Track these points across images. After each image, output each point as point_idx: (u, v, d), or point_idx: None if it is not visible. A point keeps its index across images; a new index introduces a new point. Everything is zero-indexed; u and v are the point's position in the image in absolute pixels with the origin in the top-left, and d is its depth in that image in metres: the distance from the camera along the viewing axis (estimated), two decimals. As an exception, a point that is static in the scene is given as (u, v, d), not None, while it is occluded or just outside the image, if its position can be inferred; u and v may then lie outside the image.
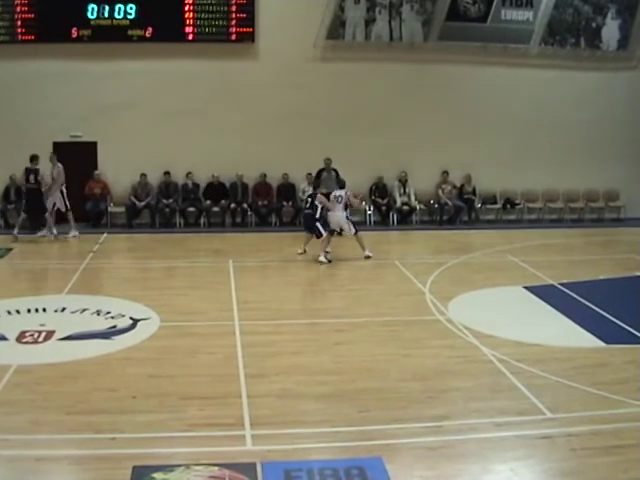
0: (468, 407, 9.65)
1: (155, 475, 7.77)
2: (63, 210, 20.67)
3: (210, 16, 22.01)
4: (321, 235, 17.76)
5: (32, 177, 19.80)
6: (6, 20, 21.19)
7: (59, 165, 20.41)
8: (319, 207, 18.18)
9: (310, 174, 22.55)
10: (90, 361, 11.36)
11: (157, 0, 21.71)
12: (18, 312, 13.65)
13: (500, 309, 14.40)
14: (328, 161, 22.40)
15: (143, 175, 22.23)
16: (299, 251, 18.42)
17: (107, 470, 7.94)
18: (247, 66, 22.40)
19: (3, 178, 21.80)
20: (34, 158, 19.81)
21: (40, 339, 12.21)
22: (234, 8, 22.09)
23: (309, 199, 18.69)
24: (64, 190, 20.55)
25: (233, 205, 22.68)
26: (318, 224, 17.88)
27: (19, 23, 21.23)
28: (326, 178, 22.29)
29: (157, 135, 22.02)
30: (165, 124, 21.99)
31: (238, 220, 22.95)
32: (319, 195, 18.68)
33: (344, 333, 12.72)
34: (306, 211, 18.59)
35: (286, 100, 22.19)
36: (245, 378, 10.56)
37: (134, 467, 7.89)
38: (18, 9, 21.14)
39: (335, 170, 22.27)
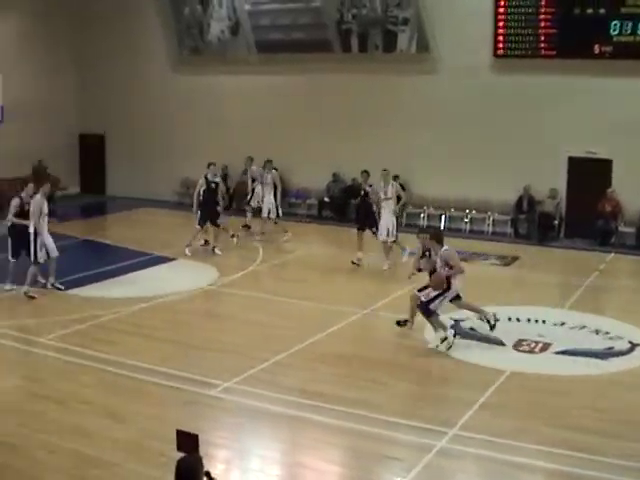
0: None
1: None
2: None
3: None
4: None
5: None
6: (530, 35, 21.70)
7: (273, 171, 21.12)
8: None
9: None
10: (581, 378, 11.30)
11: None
12: (518, 320, 13.98)
13: None
14: None
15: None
16: None
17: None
18: None
19: (517, 188, 22.28)
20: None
21: (536, 349, 12.42)
22: None
23: None
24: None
25: None
26: None
27: (542, 39, 21.61)
28: None
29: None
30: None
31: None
32: None
33: None
34: None
35: None
36: None
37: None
38: (542, 24, 21.54)
39: None
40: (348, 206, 22.90)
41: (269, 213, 20.78)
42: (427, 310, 12.51)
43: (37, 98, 26.30)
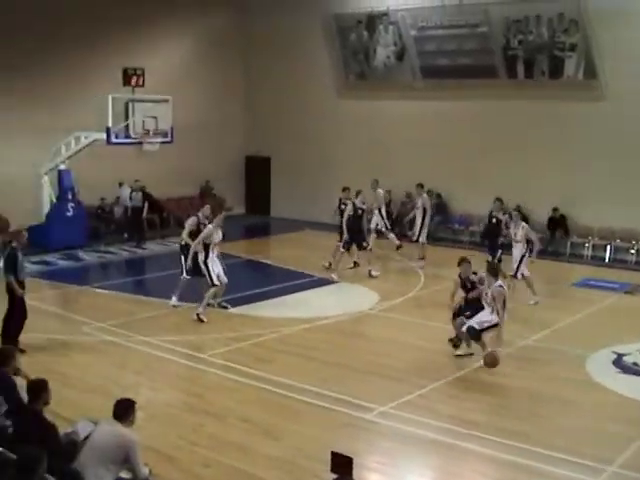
0: None
1: None
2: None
3: None
4: None
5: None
6: None
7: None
8: None
9: None
10: None
11: None
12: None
13: None
14: None
15: None
16: None
17: None
18: None
19: None
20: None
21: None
22: None
23: None
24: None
25: None
26: None
27: None
28: None
29: None
30: None
31: None
32: None
33: None
34: None
35: None
36: None
37: None
38: None
39: None
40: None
41: (419, 237, 20.79)
42: (478, 336, 12.61)
43: (206, 120, 27.32)
